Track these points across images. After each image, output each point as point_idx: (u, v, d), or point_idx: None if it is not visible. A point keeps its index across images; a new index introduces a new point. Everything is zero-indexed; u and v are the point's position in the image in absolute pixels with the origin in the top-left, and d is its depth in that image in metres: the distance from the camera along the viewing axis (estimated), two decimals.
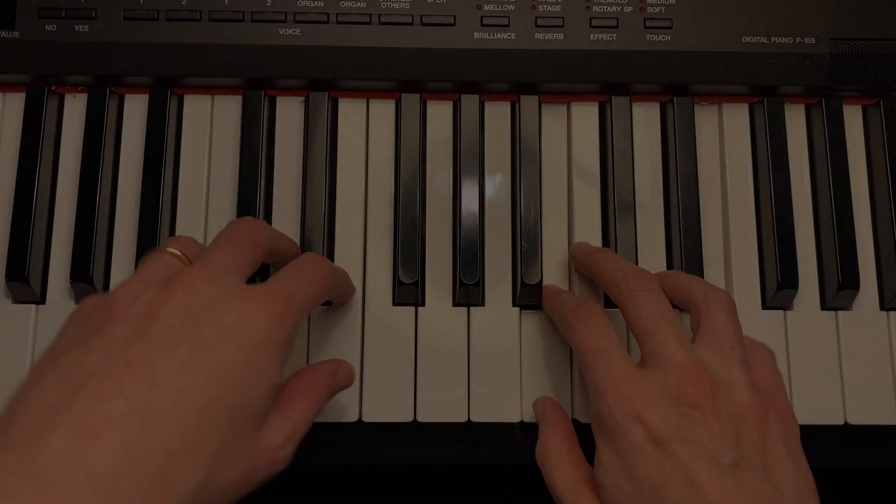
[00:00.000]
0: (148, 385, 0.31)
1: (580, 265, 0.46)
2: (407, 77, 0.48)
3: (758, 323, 0.47)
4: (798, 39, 0.48)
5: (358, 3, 0.48)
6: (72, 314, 0.36)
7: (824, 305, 0.48)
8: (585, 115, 0.50)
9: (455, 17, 0.48)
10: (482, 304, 0.47)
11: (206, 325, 0.33)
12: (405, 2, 0.48)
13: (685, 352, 0.37)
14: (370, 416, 0.45)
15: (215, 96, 0.49)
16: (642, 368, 0.38)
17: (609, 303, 0.46)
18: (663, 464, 0.35)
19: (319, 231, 0.46)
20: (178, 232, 0.47)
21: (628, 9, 0.48)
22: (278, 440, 0.36)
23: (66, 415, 0.30)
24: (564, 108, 0.50)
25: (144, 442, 0.30)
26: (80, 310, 0.35)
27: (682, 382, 0.36)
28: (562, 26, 0.48)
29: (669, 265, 0.48)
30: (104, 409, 0.30)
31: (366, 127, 0.49)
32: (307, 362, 0.45)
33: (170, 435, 0.31)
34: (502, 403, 0.45)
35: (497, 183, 0.49)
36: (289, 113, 0.49)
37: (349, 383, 0.42)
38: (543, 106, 0.49)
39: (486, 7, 0.48)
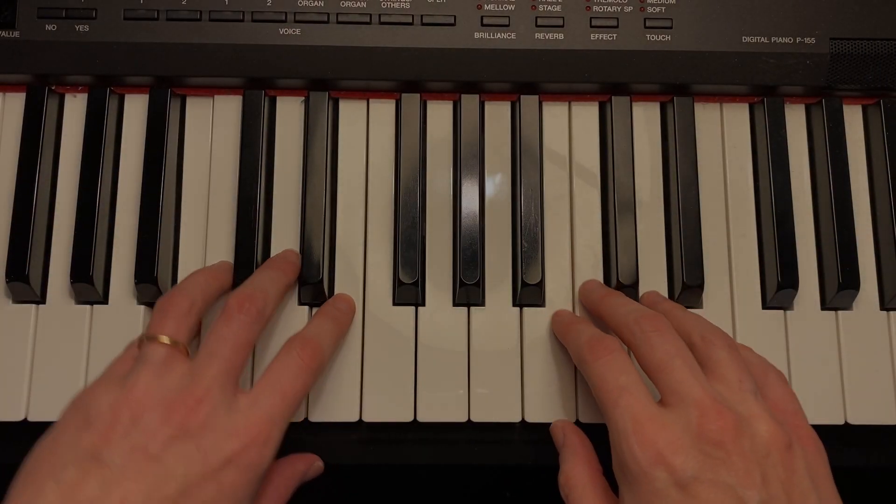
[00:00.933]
0: None
1: (589, 308, 0.46)
2: (407, 77, 0.48)
3: (758, 323, 0.47)
4: (798, 39, 0.48)
5: (358, 3, 0.48)
6: (77, 403, 0.38)
7: (824, 305, 0.48)
8: (585, 115, 0.50)
9: (455, 17, 0.48)
10: (482, 304, 0.47)
11: (195, 467, 0.36)
12: (405, 2, 0.48)
13: (703, 388, 0.37)
14: (370, 416, 0.45)
15: (216, 96, 0.49)
16: (662, 407, 0.37)
17: None
18: None
19: (319, 231, 0.46)
20: (180, 233, 0.47)
21: (628, 9, 0.48)
22: None
23: None
24: (565, 108, 0.50)
25: None
26: (81, 406, 0.37)
27: (703, 420, 0.35)
28: (562, 26, 0.48)
29: (669, 265, 0.48)
30: None
31: (366, 127, 0.49)
32: None
33: None
34: (502, 403, 0.45)
35: (497, 183, 0.49)
36: (289, 113, 0.49)
37: (316, 475, 0.45)
38: (544, 106, 0.49)
39: (486, 7, 0.48)
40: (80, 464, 0.35)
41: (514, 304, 0.47)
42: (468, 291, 0.46)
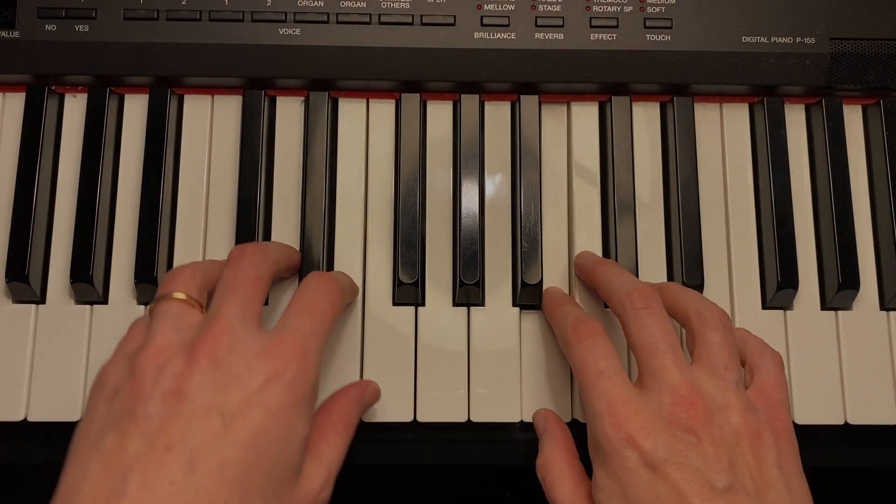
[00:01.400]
0: (189, 466, 0.32)
1: (583, 275, 0.46)
2: (407, 77, 0.48)
3: (758, 323, 0.47)
4: (798, 39, 0.48)
5: (358, 3, 0.48)
6: (96, 386, 0.37)
7: (824, 305, 0.48)
8: (585, 115, 0.50)
9: (455, 16, 0.48)
10: (482, 304, 0.47)
11: (233, 394, 0.34)
12: (405, 2, 0.48)
13: (682, 375, 0.37)
14: (370, 416, 0.45)
15: (215, 96, 0.49)
16: (639, 388, 0.38)
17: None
18: (657, 488, 0.35)
19: (319, 231, 0.46)
20: (177, 233, 0.47)
21: (628, 8, 0.48)
22: (316, 486, 0.37)
23: None
24: (564, 108, 0.50)
25: None
26: (103, 383, 0.36)
27: (676, 407, 0.36)
28: (562, 26, 0.48)
29: (669, 265, 0.48)
30: (154, 495, 0.32)
31: (366, 127, 0.49)
32: None
33: None
34: (502, 403, 0.45)
35: (497, 183, 0.49)
36: (289, 113, 0.49)
37: (377, 401, 0.44)
38: (543, 106, 0.49)
39: (486, 7, 0.48)
40: (117, 426, 0.34)
41: (514, 304, 0.47)
42: (468, 291, 0.46)
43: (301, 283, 0.41)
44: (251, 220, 0.46)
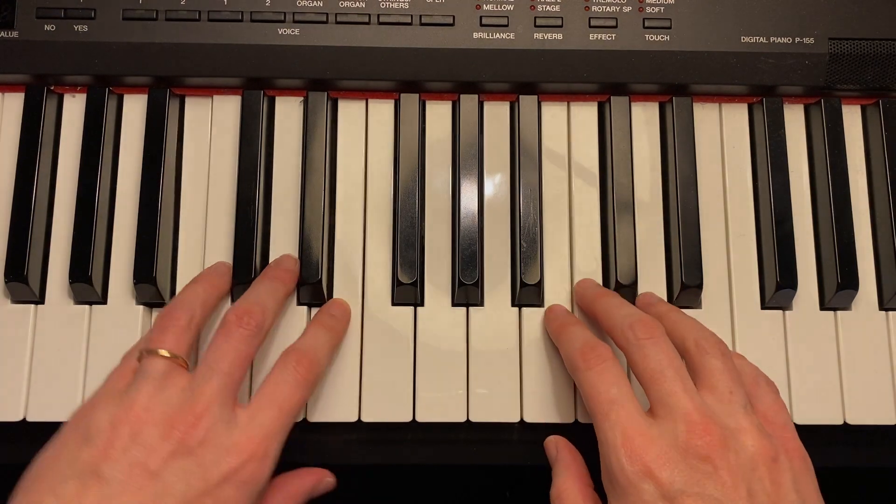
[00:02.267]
0: None
1: (584, 307, 0.46)
2: (406, 77, 0.48)
3: (757, 323, 0.47)
4: (797, 39, 0.48)
5: (357, 3, 0.48)
6: (74, 422, 0.38)
7: (823, 305, 0.48)
8: (584, 115, 0.50)
9: (454, 17, 0.48)
10: (481, 304, 0.47)
11: (194, 482, 0.36)
12: (404, 2, 0.48)
13: (692, 401, 0.37)
14: (369, 416, 0.45)
15: (214, 96, 0.49)
16: (651, 418, 0.38)
17: None
18: None
19: (319, 231, 0.46)
20: (179, 233, 0.47)
21: (627, 9, 0.48)
22: None
23: None
24: (564, 108, 0.50)
25: None
26: (80, 422, 0.37)
27: (691, 434, 0.36)
28: (561, 26, 0.48)
29: (668, 265, 0.48)
30: None
31: (365, 127, 0.49)
32: None
33: None
34: (501, 403, 0.45)
35: (496, 183, 0.49)
36: (288, 113, 0.49)
37: (328, 490, 0.44)
38: (543, 106, 0.49)
39: (485, 7, 0.48)
40: (80, 478, 0.35)
41: (513, 305, 0.47)
42: (467, 291, 0.46)
43: (278, 364, 0.41)
44: (250, 221, 0.46)
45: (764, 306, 0.48)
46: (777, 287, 0.46)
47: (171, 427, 0.37)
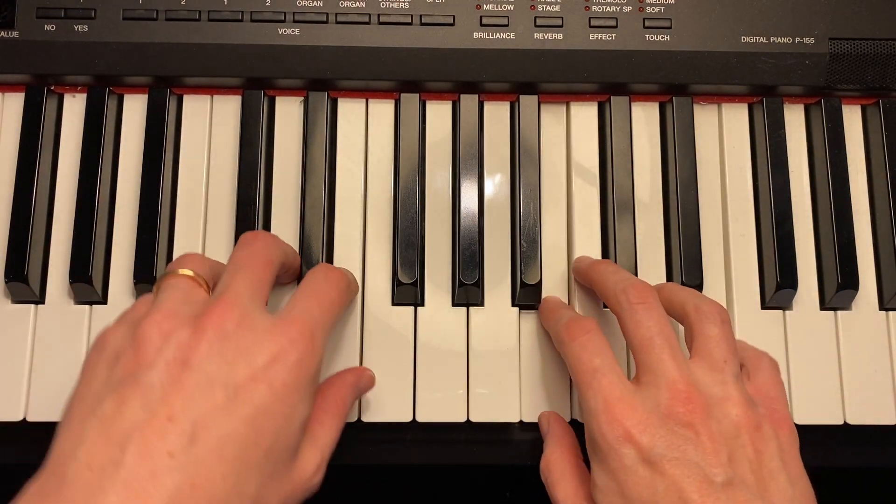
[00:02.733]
0: (189, 438, 0.32)
1: (580, 277, 0.46)
2: (406, 77, 0.48)
3: (757, 323, 0.47)
4: (797, 39, 0.48)
5: (357, 3, 0.48)
6: (96, 349, 0.36)
7: (823, 305, 0.48)
8: (584, 115, 0.50)
9: (454, 16, 0.48)
10: (481, 304, 0.47)
11: (239, 368, 0.34)
12: (405, 2, 0.48)
13: (679, 370, 0.37)
14: (369, 416, 0.45)
15: (214, 96, 0.49)
16: (636, 384, 0.38)
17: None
18: (655, 484, 0.35)
19: (319, 231, 0.46)
20: (177, 233, 0.47)
21: (627, 8, 0.48)
22: (311, 469, 0.37)
23: (116, 475, 0.30)
24: (563, 108, 0.50)
25: (191, 496, 0.31)
26: (104, 346, 0.35)
27: (673, 401, 0.36)
28: (561, 26, 0.48)
29: (668, 265, 0.48)
30: (152, 466, 0.31)
31: (365, 127, 0.49)
32: None
33: (214, 486, 0.32)
34: (501, 403, 0.45)
35: (496, 183, 0.49)
36: (288, 113, 0.49)
37: (371, 388, 0.43)
38: (543, 106, 0.49)
39: (485, 7, 0.48)
40: (117, 391, 0.32)
41: (514, 305, 0.47)
42: (467, 291, 0.46)
43: (308, 272, 0.41)
44: (250, 221, 0.46)
45: (764, 306, 0.48)
46: (777, 287, 0.46)
47: (202, 320, 0.34)
